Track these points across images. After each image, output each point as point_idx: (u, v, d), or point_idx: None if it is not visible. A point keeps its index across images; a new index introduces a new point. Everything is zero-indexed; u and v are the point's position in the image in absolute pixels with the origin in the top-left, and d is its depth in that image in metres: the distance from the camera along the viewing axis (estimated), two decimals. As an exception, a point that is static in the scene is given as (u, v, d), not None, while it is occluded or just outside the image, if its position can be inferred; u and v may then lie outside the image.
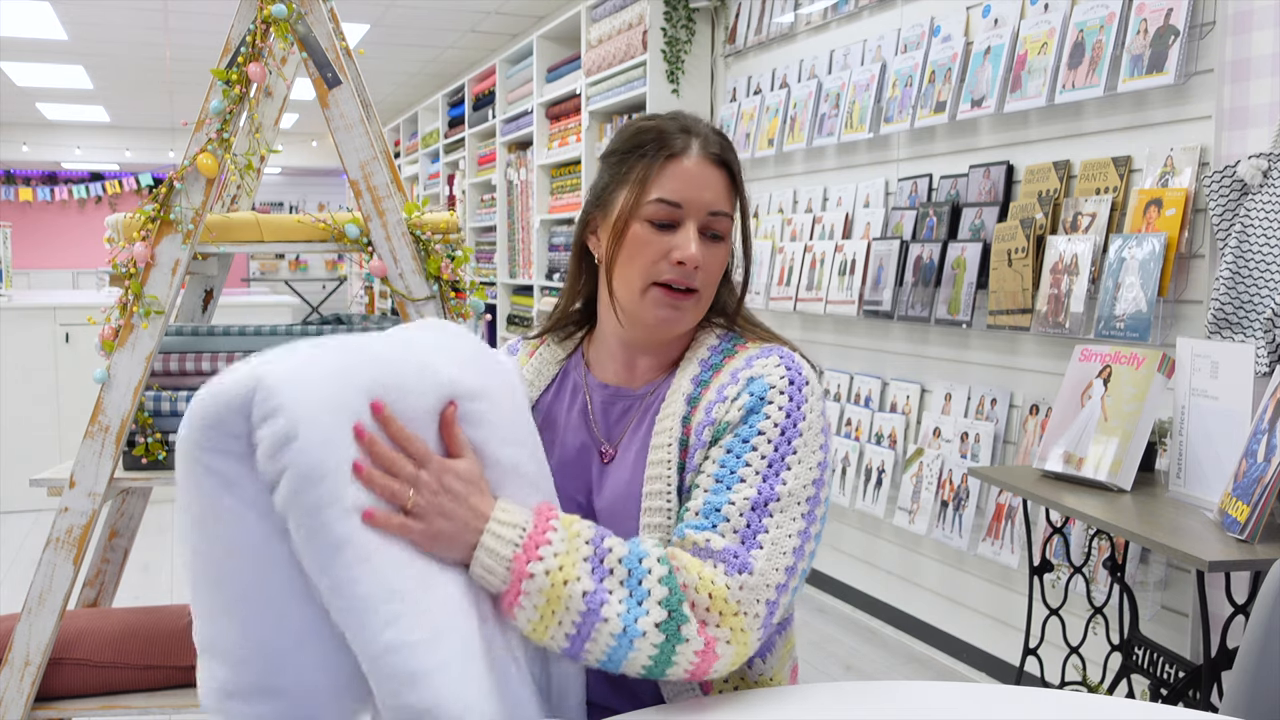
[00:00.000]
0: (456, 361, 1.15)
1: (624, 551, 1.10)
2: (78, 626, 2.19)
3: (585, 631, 1.06)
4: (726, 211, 1.28)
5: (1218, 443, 2.08)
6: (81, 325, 5.24)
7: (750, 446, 1.17)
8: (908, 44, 3.41)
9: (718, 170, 1.27)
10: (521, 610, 1.06)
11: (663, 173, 1.25)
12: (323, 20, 2.09)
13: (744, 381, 1.21)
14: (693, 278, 1.25)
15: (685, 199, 1.24)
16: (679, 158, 1.25)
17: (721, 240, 1.28)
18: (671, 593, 1.07)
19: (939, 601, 3.33)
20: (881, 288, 3.36)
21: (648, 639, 1.06)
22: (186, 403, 2.18)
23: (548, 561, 1.06)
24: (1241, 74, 2.34)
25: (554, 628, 1.06)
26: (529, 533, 1.08)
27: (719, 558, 1.11)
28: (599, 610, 1.05)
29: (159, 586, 4.11)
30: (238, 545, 1.04)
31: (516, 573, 1.06)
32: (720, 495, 1.15)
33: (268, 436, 1.00)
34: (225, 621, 1.05)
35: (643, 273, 1.25)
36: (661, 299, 1.25)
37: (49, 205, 13.10)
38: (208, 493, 1.03)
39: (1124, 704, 1.16)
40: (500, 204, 6.67)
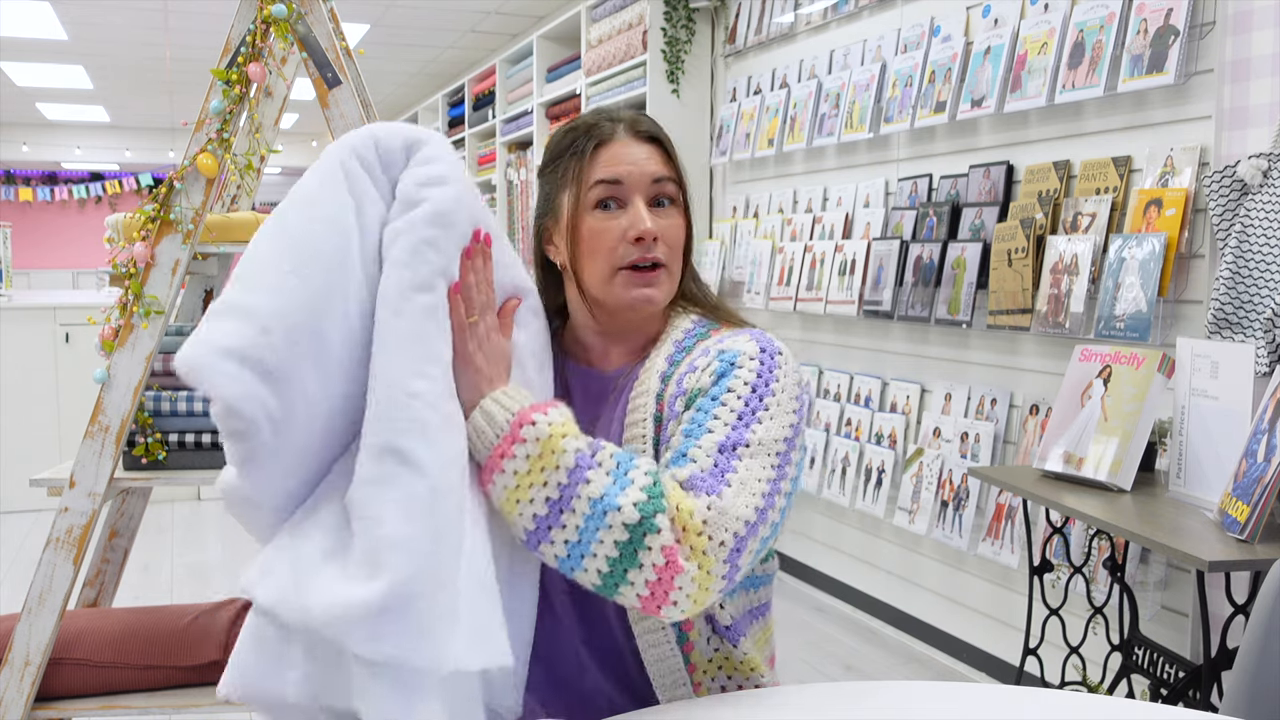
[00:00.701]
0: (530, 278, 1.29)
1: (613, 449, 1.12)
2: (78, 626, 2.19)
3: (567, 496, 1.07)
4: (670, 176, 1.29)
5: (1218, 443, 2.08)
6: (81, 325, 5.24)
7: (720, 403, 1.17)
8: (908, 44, 3.41)
9: (649, 145, 1.30)
10: (511, 461, 1.09)
11: (596, 159, 1.27)
12: (323, 20, 2.09)
13: (715, 353, 1.22)
14: (654, 249, 1.26)
15: (624, 174, 1.26)
16: (607, 143, 1.28)
17: (674, 205, 1.29)
18: (654, 484, 1.08)
19: (939, 601, 3.33)
20: (881, 288, 3.36)
21: (622, 516, 1.05)
22: (187, 403, 2.18)
23: (551, 415, 1.11)
24: (1241, 74, 2.34)
25: (537, 487, 1.08)
26: (534, 402, 1.14)
27: (688, 485, 1.11)
28: (585, 472, 1.07)
29: (159, 586, 4.11)
30: (333, 236, 1.11)
31: (520, 417, 1.11)
32: (688, 442, 1.15)
33: (424, 171, 1.15)
34: (276, 288, 1.09)
35: (606, 261, 1.26)
36: (631, 280, 1.25)
37: (49, 205, 13.10)
38: (334, 187, 1.13)
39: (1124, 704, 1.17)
40: (500, 204, 6.67)
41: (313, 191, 1.13)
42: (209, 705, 2.15)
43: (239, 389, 1.05)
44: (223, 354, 1.05)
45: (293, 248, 1.10)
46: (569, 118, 5.54)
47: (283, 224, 1.12)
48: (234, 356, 1.05)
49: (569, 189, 1.29)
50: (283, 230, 1.12)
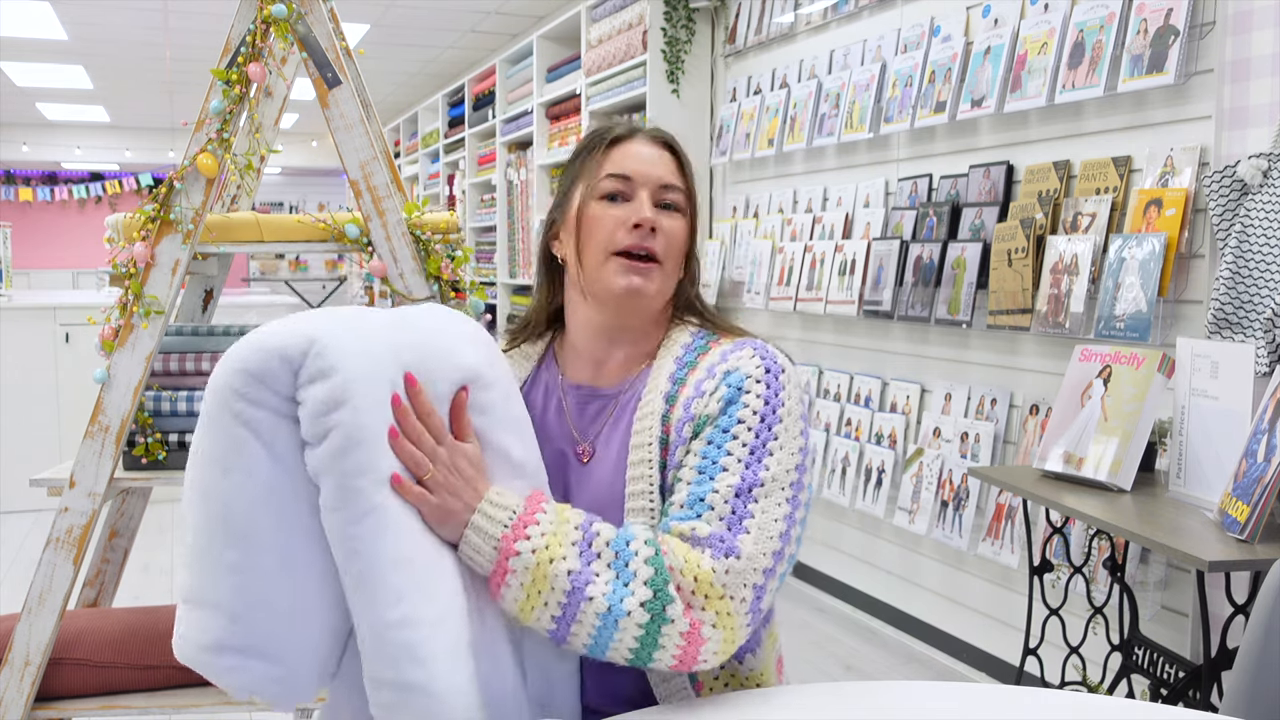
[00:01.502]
0: (472, 347, 1.18)
1: (611, 535, 1.11)
2: (78, 626, 2.19)
3: (570, 613, 1.07)
4: (679, 186, 1.30)
5: (1218, 443, 2.08)
6: (81, 325, 5.24)
7: (731, 436, 1.16)
8: (908, 44, 3.41)
9: (664, 151, 1.32)
10: (508, 589, 1.08)
11: (609, 155, 1.29)
12: (323, 20, 2.09)
13: (720, 375, 1.21)
14: (650, 240, 1.26)
15: (634, 171, 1.28)
16: (624, 141, 1.30)
17: (678, 213, 1.30)
18: (657, 573, 1.08)
19: (939, 601, 3.33)
20: (881, 288, 3.36)
21: (633, 619, 1.06)
22: (187, 403, 2.18)
23: (534, 541, 1.08)
24: (1241, 74, 2.34)
25: (539, 608, 1.08)
26: (519, 514, 1.10)
27: (705, 543, 1.11)
28: (584, 589, 1.06)
29: (159, 586, 4.11)
30: (258, 497, 1.05)
31: (504, 551, 1.08)
32: (704, 485, 1.15)
33: (319, 395, 1.03)
34: (227, 574, 1.06)
35: (603, 245, 1.27)
36: (623, 266, 1.26)
37: (49, 205, 13.10)
38: (236, 441, 1.04)
39: (1124, 704, 1.16)
40: (500, 204, 6.67)
41: (220, 453, 1.06)
42: (209, 705, 2.15)
43: (241, 677, 1.08)
44: (209, 650, 1.07)
45: (225, 529, 1.06)
46: (569, 118, 5.55)
47: (206, 501, 1.07)
48: (219, 649, 1.07)
49: (581, 183, 1.31)
50: (208, 510, 1.07)
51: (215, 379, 1.06)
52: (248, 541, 1.05)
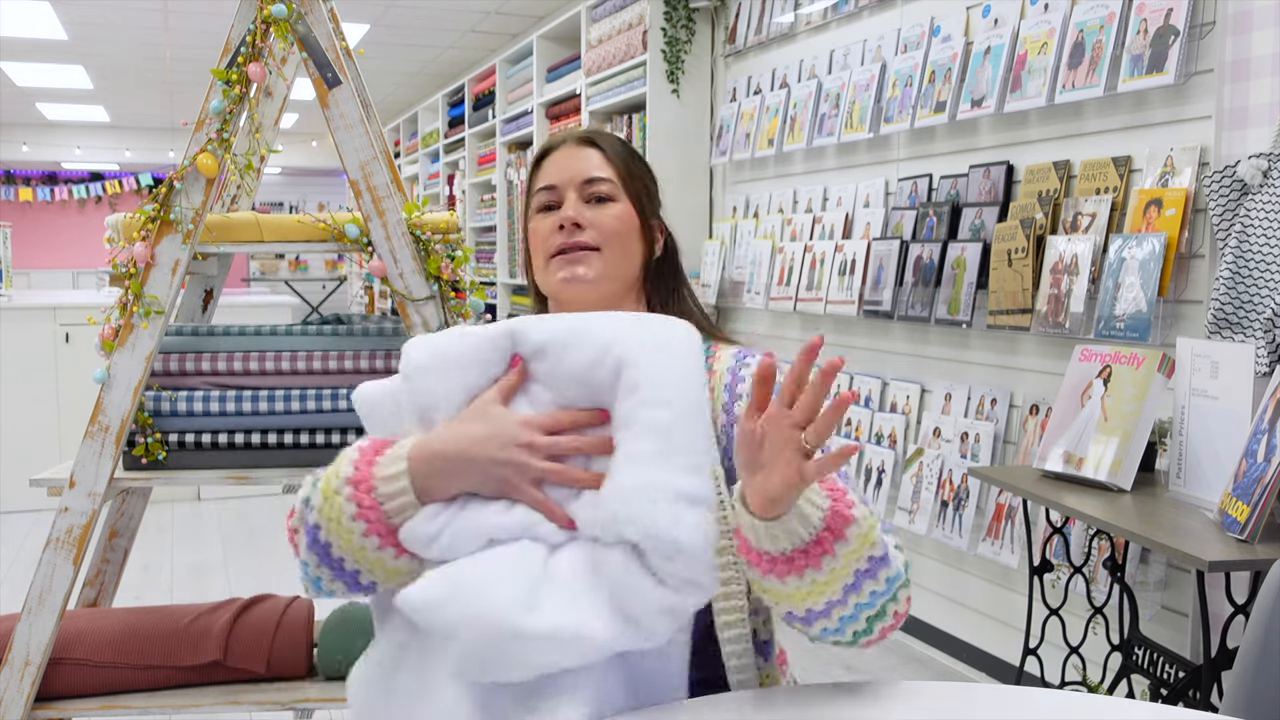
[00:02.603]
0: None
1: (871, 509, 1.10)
2: (78, 626, 2.19)
3: (868, 573, 1.03)
4: (604, 176, 1.33)
5: (1218, 443, 2.08)
6: (81, 325, 5.24)
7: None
8: (908, 44, 3.41)
9: (586, 148, 1.35)
10: (830, 557, 1.02)
11: (538, 171, 1.36)
12: (323, 20, 2.09)
13: (750, 379, 1.21)
14: (578, 235, 1.29)
15: (557, 178, 1.33)
16: (550, 153, 1.36)
17: (610, 201, 1.33)
18: (896, 545, 1.09)
19: (939, 601, 3.33)
20: (881, 288, 3.36)
21: (902, 585, 1.07)
22: (187, 403, 2.18)
23: (859, 509, 1.04)
24: (1241, 74, 2.34)
25: (846, 575, 1.03)
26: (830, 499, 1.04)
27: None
28: (888, 553, 1.05)
29: (159, 586, 4.11)
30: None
31: (842, 517, 1.03)
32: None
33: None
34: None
35: (542, 252, 1.32)
36: (556, 264, 1.30)
37: (49, 205, 13.10)
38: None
39: (1124, 704, 1.17)
40: (500, 204, 6.67)
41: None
42: (209, 705, 2.15)
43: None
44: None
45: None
46: (569, 118, 5.55)
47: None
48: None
49: (524, 202, 1.38)
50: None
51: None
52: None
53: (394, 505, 1.07)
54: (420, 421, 1.14)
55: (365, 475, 1.09)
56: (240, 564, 4.42)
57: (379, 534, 1.07)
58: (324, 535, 1.10)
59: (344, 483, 1.09)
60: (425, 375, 1.13)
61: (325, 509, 1.09)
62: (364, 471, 1.09)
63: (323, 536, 1.10)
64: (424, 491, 1.07)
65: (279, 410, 2.21)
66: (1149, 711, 1.15)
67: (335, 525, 1.08)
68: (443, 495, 1.08)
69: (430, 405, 1.13)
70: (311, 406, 2.22)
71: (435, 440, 1.09)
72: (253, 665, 2.20)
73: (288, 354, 2.25)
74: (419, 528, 1.06)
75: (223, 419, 2.20)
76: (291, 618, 2.26)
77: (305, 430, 2.24)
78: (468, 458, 1.07)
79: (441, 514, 1.07)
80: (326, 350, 2.26)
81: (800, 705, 1.08)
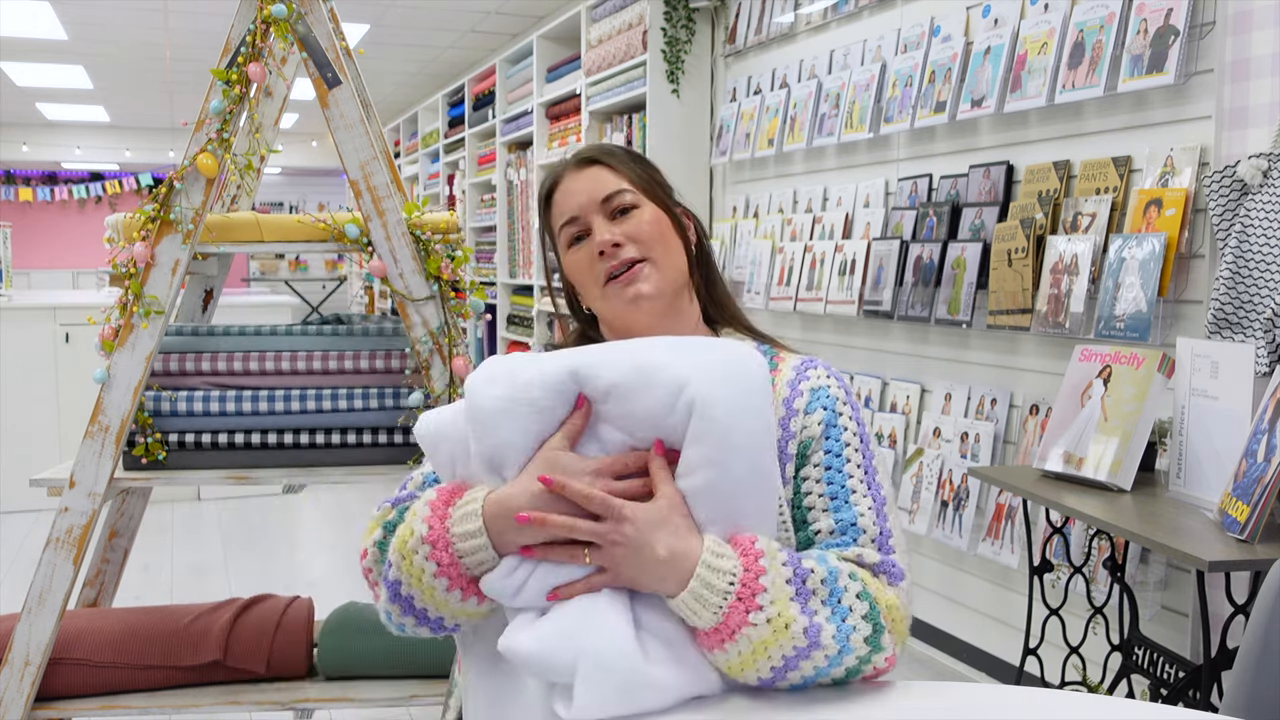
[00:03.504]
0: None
1: (821, 570, 1.09)
2: (78, 626, 2.19)
3: (794, 662, 1.05)
4: (620, 187, 1.32)
5: (1218, 443, 2.08)
6: (81, 325, 5.24)
7: (845, 459, 1.21)
8: (908, 44, 3.41)
9: (589, 169, 1.34)
10: (723, 654, 1.05)
11: (553, 206, 1.34)
12: (323, 20, 2.09)
13: (808, 394, 1.24)
14: (622, 254, 1.28)
15: (575, 210, 1.32)
16: (557, 185, 1.35)
17: (636, 209, 1.32)
18: (871, 608, 1.09)
19: (939, 601, 3.33)
20: (881, 288, 3.36)
21: (855, 654, 1.07)
22: (187, 403, 2.18)
23: (767, 610, 1.04)
24: (1241, 74, 2.34)
25: (761, 662, 1.05)
26: (740, 578, 1.06)
27: (878, 569, 1.14)
28: (818, 639, 1.06)
29: (159, 586, 4.11)
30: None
31: (735, 622, 1.04)
32: (845, 510, 1.18)
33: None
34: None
35: (592, 285, 1.31)
36: (613, 290, 1.29)
37: (49, 205, 13.10)
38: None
39: (1124, 704, 1.16)
40: (500, 204, 6.67)
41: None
42: (209, 705, 2.15)
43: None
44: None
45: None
46: (569, 118, 5.56)
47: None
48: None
49: (551, 243, 1.37)
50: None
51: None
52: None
53: (473, 560, 1.10)
54: (489, 470, 1.13)
55: (441, 533, 1.10)
56: (240, 564, 4.42)
57: (461, 587, 1.11)
58: (405, 590, 1.13)
59: (421, 541, 1.11)
60: (492, 424, 1.12)
61: (405, 566, 1.12)
62: (439, 530, 1.11)
63: (404, 591, 1.13)
64: (500, 545, 1.10)
65: (279, 410, 2.21)
66: (1149, 711, 1.15)
67: (416, 582, 1.11)
68: (518, 546, 1.10)
69: (499, 455, 1.13)
70: (311, 406, 2.22)
71: (507, 498, 1.10)
72: (253, 665, 2.20)
73: (288, 354, 2.25)
74: (502, 582, 1.08)
75: (223, 419, 2.21)
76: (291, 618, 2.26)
77: (305, 430, 2.24)
78: (515, 531, 1.09)
79: (521, 566, 1.09)
80: (326, 350, 2.26)
81: (800, 705, 1.08)
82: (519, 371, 1.13)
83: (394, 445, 2.26)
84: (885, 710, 1.08)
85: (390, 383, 2.26)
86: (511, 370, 1.14)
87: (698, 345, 1.16)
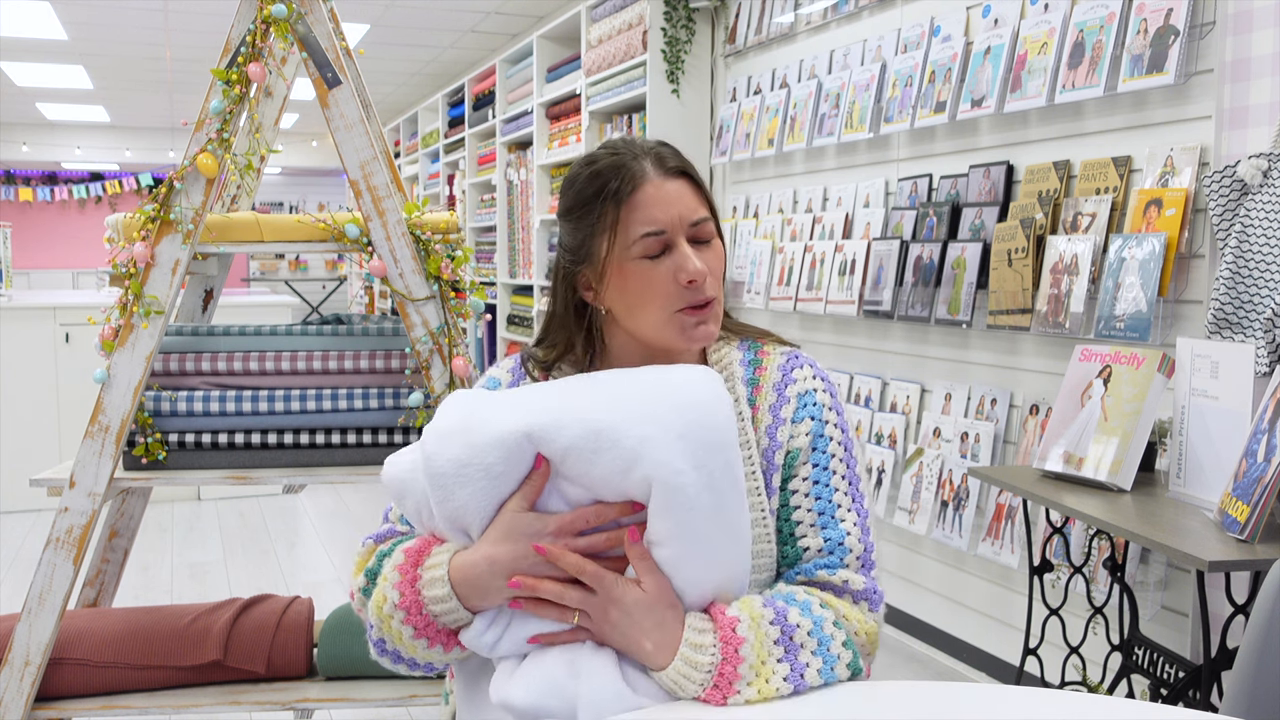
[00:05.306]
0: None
1: (806, 622, 1.13)
2: (78, 626, 2.19)
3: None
4: (705, 216, 1.27)
5: (1218, 443, 2.08)
6: (81, 325, 5.24)
7: (831, 472, 1.24)
8: (908, 44, 3.41)
9: (680, 181, 1.26)
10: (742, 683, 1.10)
11: (633, 207, 1.23)
12: (323, 20, 2.09)
13: (795, 399, 1.26)
14: (705, 289, 1.25)
15: (665, 223, 1.23)
16: (641, 185, 1.23)
17: (711, 242, 1.28)
18: (855, 655, 1.15)
19: (939, 601, 3.33)
20: (881, 288, 3.36)
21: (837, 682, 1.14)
22: (187, 403, 2.18)
23: (745, 693, 1.09)
24: (1241, 74, 2.34)
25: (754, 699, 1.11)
26: (717, 665, 1.09)
27: (860, 597, 1.20)
28: (803, 684, 1.11)
29: (159, 586, 4.11)
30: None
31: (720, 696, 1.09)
32: (833, 529, 1.22)
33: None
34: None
35: (661, 306, 1.24)
36: (688, 322, 1.24)
37: (49, 205, 13.10)
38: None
39: (1124, 704, 1.16)
40: (500, 204, 6.67)
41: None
42: (209, 705, 2.15)
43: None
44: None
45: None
46: (569, 118, 5.55)
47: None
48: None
49: (605, 236, 1.24)
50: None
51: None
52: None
53: (448, 620, 1.15)
54: (453, 529, 1.15)
55: (414, 599, 1.15)
56: (240, 564, 4.42)
57: (441, 643, 1.16)
58: (389, 647, 1.19)
59: (395, 608, 1.15)
60: (450, 489, 1.13)
61: (385, 629, 1.17)
62: (410, 597, 1.15)
63: (389, 647, 1.20)
64: (470, 605, 1.14)
65: (279, 410, 2.21)
66: (1149, 711, 1.15)
67: (398, 640, 1.17)
68: (489, 605, 1.14)
69: (460, 517, 1.14)
70: (311, 406, 2.22)
71: (469, 564, 1.13)
72: (253, 665, 2.20)
73: (288, 354, 2.25)
74: (479, 638, 1.13)
75: (223, 419, 2.21)
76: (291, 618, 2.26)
77: (305, 430, 2.24)
78: (501, 578, 1.12)
79: (496, 620, 1.14)
80: (326, 350, 2.26)
81: (800, 705, 1.08)
82: (475, 431, 1.13)
83: (394, 445, 2.26)
84: (885, 710, 1.08)
85: (390, 383, 2.26)
86: (468, 426, 1.13)
87: (649, 392, 1.13)
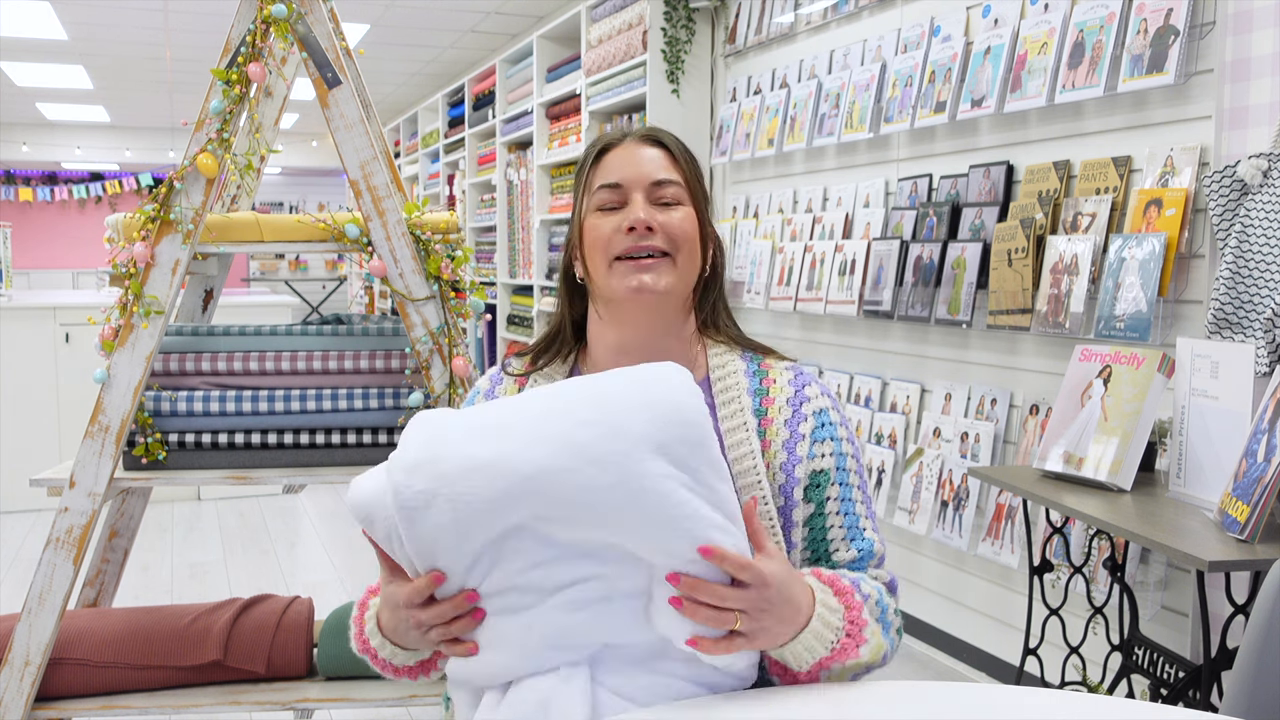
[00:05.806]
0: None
1: (874, 593, 1.22)
2: (78, 626, 2.19)
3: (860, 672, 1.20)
4: (672, 179, 1.29)
5: (1218, 443, 2.08)
6: (81, 325, 5.24)
7: (852, 488, 1.30)
8: (908, 44, 3.41)
9: (652, 148, 1.30)
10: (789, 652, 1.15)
11: (600, 165, 1.30)
12: (323, 20, 2.09)
13: (813, 419, 1.28)
14: (650, 239, 1.25)
15: (622, 177, 1.28)
16: (612, 148, 1.31)
17: (678, 205, 1.29)
18: (899, 631, 1.26)
19: (939, 601, 3.33)
20: (881, 288, 3.36)
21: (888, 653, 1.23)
22: (187, 403, 2.18)
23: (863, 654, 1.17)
24: (1241, 74, 2.34)
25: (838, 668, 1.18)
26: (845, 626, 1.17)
27: (890, 588, 1.29)
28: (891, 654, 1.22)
29: (159, 586, 4.11)
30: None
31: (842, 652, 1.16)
32: (861, 540, 1.28)
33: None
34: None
35: (604, 253, 1.26)
36: (627, 268, 1.25)
37: (49, 205, 13.10)
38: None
39: (1124, 704, 1.16)
40: (500, 204, 6.67)
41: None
42: (209, 705, 2.15)
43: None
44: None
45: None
46: (569, 118, 5.55)
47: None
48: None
49: (580, 197, 1.31)
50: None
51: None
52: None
53: (399, 660, 1.24)
54: (422, 560, 1.13)
55: (369, 648, 1.25)
56: (240, 564, 4.42)
57: (410, 676, 1.26)
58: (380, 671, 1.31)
59: (359, 652, 1.28)
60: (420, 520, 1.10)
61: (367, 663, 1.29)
62: (366, 646, 1.25)
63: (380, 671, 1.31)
64: (408, 646, 1.21)
65: (279, 410, 2.21)
66: (1149, 711, 1.15)
67: (380, 672, 1.28)
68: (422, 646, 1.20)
69: (429, 549, 1.11)
70: (311, 406, 2.23)
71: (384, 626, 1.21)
72: (253, 665, 2.20)
73: (288, 354, 2.25)
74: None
75: (223, 419, 2.21)
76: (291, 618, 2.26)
77: (305, 430, 2.24)
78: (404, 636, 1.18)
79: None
80: (326, 350, 2.26)
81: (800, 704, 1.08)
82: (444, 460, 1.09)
83: (394, 445, 2.26)
84: (886, 710, 1.08)
85: (390, 383, 2.26)
86: (435, 455, 1.10)
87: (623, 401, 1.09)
